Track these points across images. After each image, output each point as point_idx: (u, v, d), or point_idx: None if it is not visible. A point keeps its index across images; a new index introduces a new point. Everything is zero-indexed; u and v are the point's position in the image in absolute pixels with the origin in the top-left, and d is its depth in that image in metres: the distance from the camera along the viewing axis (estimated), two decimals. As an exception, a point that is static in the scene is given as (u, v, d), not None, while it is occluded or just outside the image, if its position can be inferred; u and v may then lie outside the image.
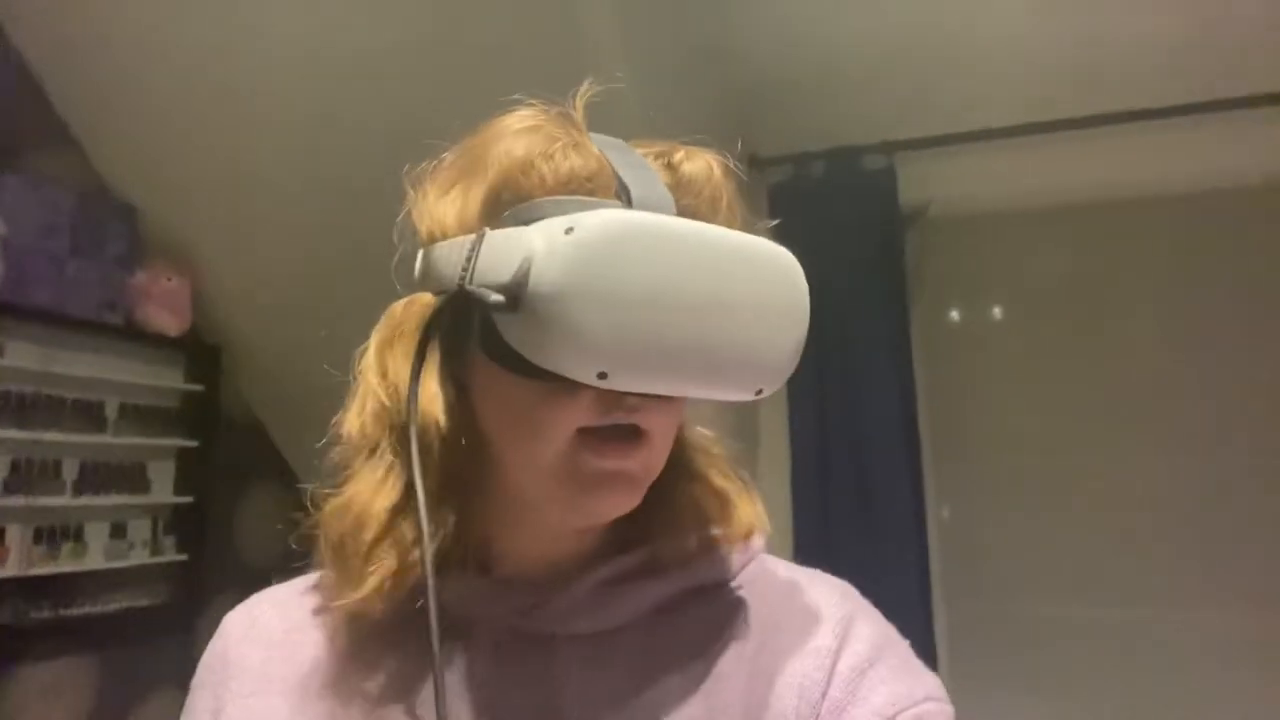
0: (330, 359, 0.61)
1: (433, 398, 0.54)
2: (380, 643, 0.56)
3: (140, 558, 2.18)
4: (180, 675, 0.64)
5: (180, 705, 0.62)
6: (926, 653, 2.07)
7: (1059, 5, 2.01)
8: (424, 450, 0.52)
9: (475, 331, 0.52)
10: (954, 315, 2.51)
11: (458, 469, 0.55)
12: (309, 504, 0.56)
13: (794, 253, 2.24)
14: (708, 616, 0.57)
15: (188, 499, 2.28)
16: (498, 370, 0.51)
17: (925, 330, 2.42)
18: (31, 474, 1.95)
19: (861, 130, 2.33)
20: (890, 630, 0.58)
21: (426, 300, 0.55)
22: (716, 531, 0.59)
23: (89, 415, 2.09)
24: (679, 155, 0.56)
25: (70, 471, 2.04)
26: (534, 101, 0.56)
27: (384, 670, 0.56)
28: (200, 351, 2.35)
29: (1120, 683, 2.12)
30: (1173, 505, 2.16)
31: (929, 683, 0.55)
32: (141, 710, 2.16)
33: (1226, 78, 2.02)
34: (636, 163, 0.53)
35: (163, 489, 2.27)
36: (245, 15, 1.82)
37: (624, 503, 0.53)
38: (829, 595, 0.58)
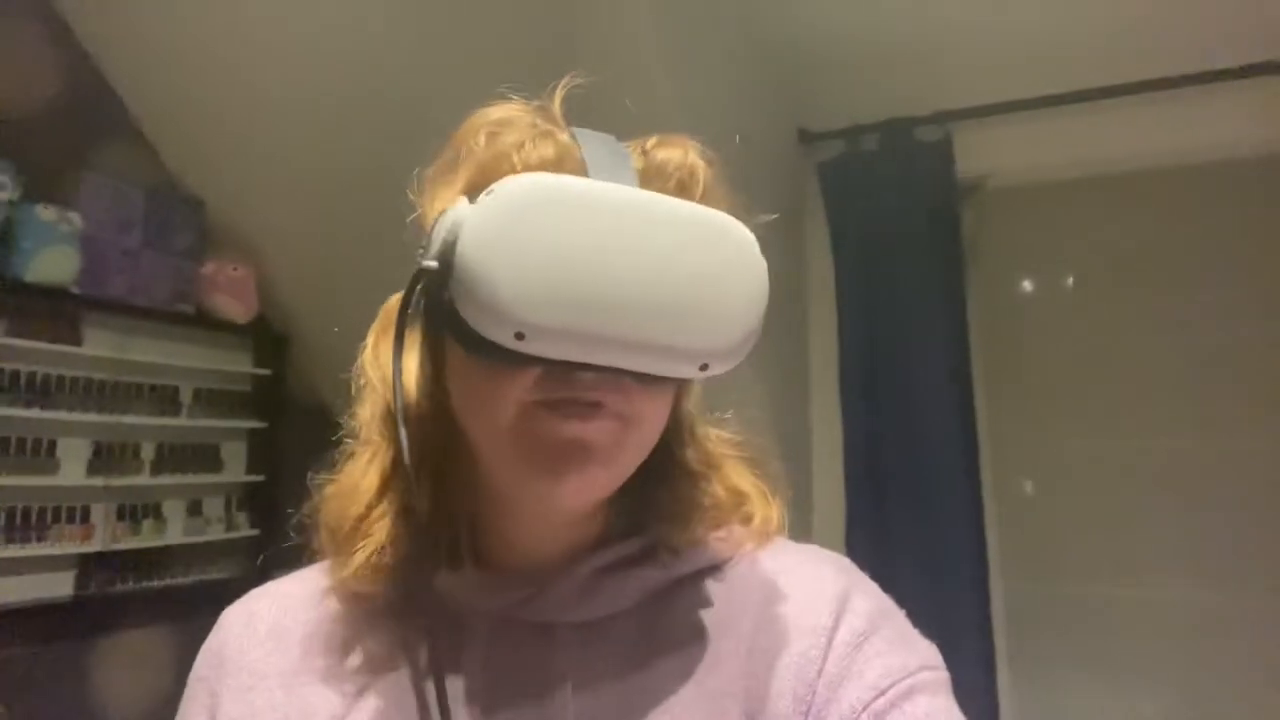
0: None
1: (410, 380, 0.57)
2: (378, 626, 0.58)
3: (216, 533, 2.30)
4: None
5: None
6: (983, 633, 2.05)
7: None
8: (409, 437, 0.53)
9: (442, 311, 0.53)
10: (1013, 289, 2.43)
11: (438, 450, 0.56)
12: (311, 493, 0.59)
13: (845, 228, 2.22)
14: (703, 601, 0.57)
15: (259, 477, 2.40)
16: (456, 347, 0.52)
17: (983, 305, 2.35)
18: (113, 456, 2.08)
19: (915, 101, 2.27)
20: (886, 603, 0.57)
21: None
22: (721, 533, 0.59)
23: (165, 399, 2.20)
24: (652, 142, 0.55)
25: (148, 452, 2.17)
26: (513, 96, 0.57)
27: (380, 653, 0.57)
28: (267, 338, 2.45)
29: (1182, 665, 2.04)
30: (1241, 485, 2.06)
31: (924, 652, 0.54)
32: (220, 677, 2.29)
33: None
34: (607, 150, 0.53)
35: (235, 468, 2.38)
36: (306, 18, 1.87)
37: (589, 478, 0.50)
38: (824, 572, 0.58)
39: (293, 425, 2.49)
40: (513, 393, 0.49)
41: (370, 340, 0.60)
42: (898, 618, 0.56)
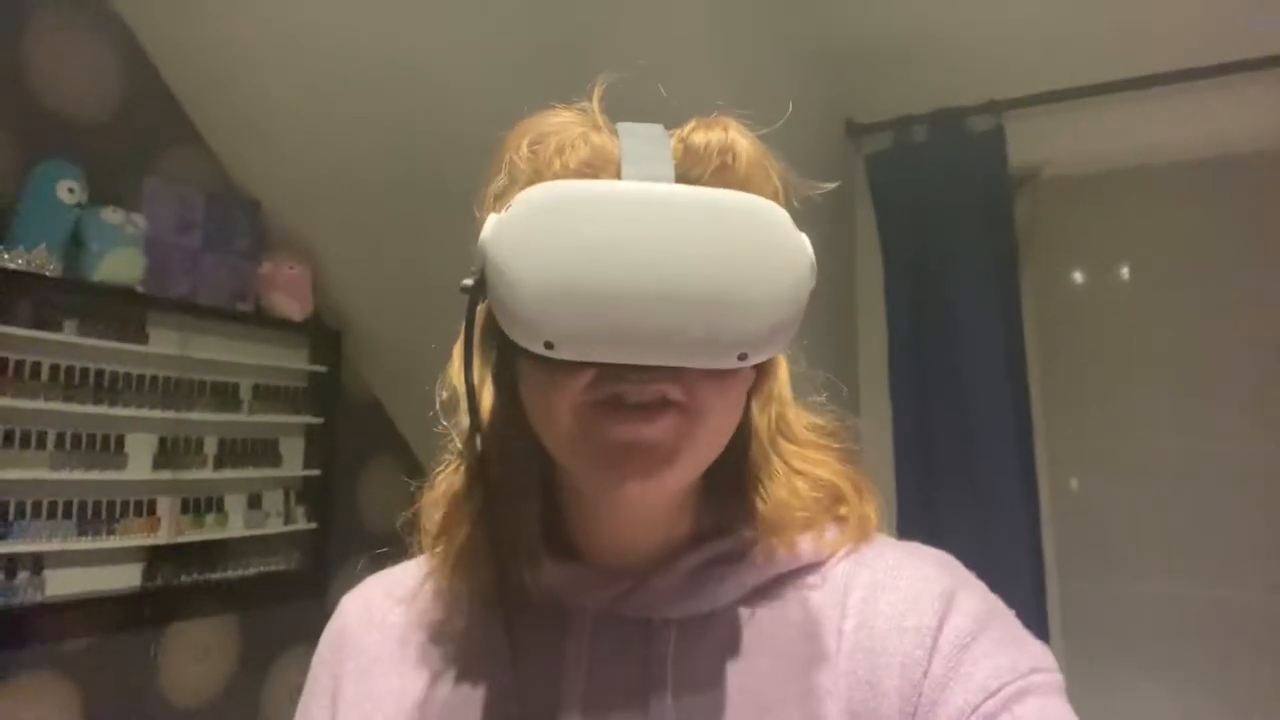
0: (442, 341, 0.64)
1: (488, 391, 0.59)
2: (483, 618, 0.59)
3: (275, 526, 2.36)
4: (312, 635, 0.68)
5: (310, 662, 0.67)
6: (1039, 631, 2.02)
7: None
8: (485, 443, 0.56)
9: (494, 325, 0.54)
10: (1068, 281, 2.39)
11: (522, 454, 0.57)
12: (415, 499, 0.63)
13: (894, 221, 2.19)
14: (803, 599, 0.57)
15: (316, 472, 2.45)
16: (520, 360, 0.53)
17: (1037, 297, 2.31)
18: (177, 451, 2.14)
19: (965, 91, 2.23)
20: (994, 601, 0.55)
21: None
22: (817, 530, 0.58)
23: (226, 396, 2.27)
24: (690, 127, 0.54)
25: (211, 447, 2.23)
26: (554, 105, 0.58)
27: (487, 644, 0.58)
28: (323, 335, 2.50)
29: (1243, 666, 1.99)
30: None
31: (1036, 652, 0.52)
32: (279, 665, 2.36)
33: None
34: (646, 143, 0.52)
35: (293, 463, 2.44)
36: (358, 29, 1.91)
37: (654, 479, 0.49)
38: (928, 569, 0.57)
39: (347, 420, 2.55)
40: (569, 397, 0.50)
41: (455, 353, 0.60)
42: (1006, 617, 0.55)
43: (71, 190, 1.90)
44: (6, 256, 1.81)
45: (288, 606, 2.34)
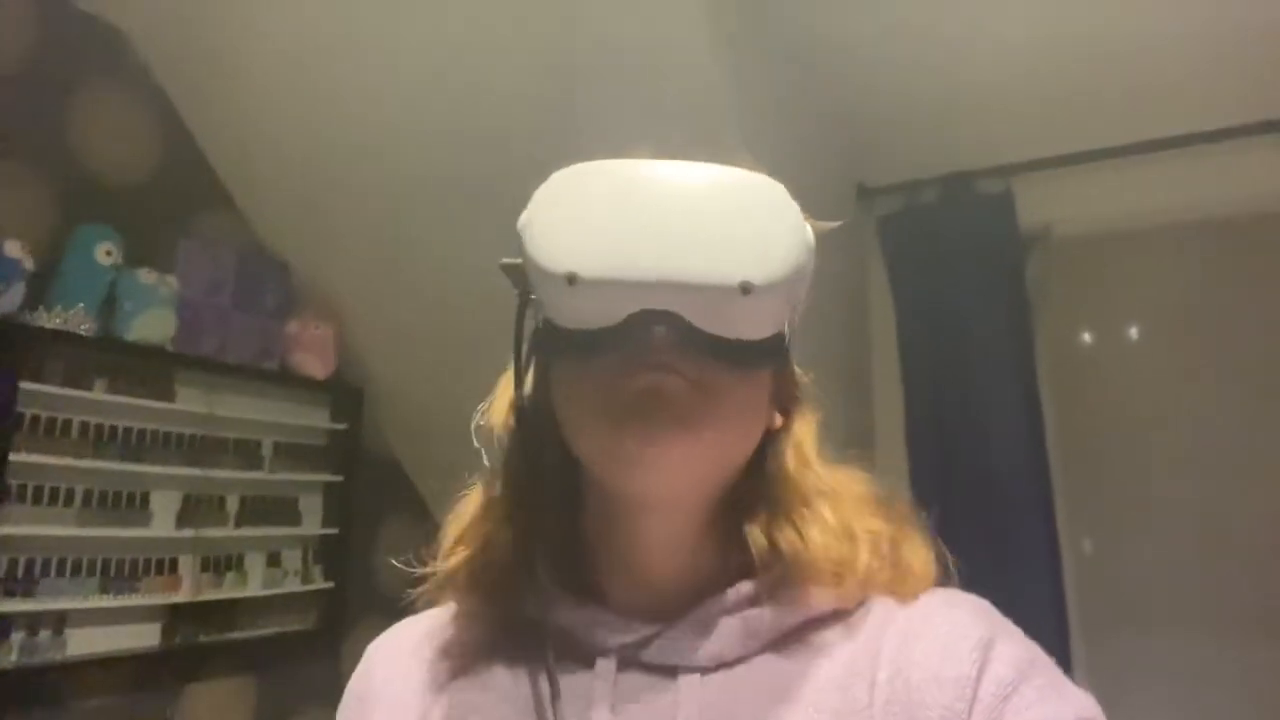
0: (461, 400, 0.66)
1: (512, 412, 0.61)
2: (508, 659, 0.59)
3: (293, 585, 2.35)
4: (326, 695, 0.69)
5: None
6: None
7: (1177, 13, 1.93)
8: (521, 460, 0.59)
9: (538, 327, 0.57)
10: (1083, 339, 2.41)
11: (549, 483, 0.59)
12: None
13: (907, 284, 2.23)
14: (836, 645, 0.55)
15: (334, 530, 2.45)
16: (555, 367, 0.57)
17: (1053, 356, 2.33)
18: (200, 508, 2.15)
19: (975, 154, 2.29)
20: (1034, 649, 0.54)
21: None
22: (848, 576, 0.57)
23: (248, 453, 2.29)
24: None
25: (233, 505, 2.24)
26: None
27: (512, 687, 0.58)
28: (344, 393, 2.53)
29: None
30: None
31: (1079, 701, 0.51)
32: (294, 728, 2.33)
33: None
34: None
35: (312, 521, 2.45)
36: (382, 89, 1.99)
37: (672, 435, 0.51)
38: (964, 616, 0.55)
39: (366, 479, 2.56)
40: (598, 378, 0.53)
41: (501, 383, 0.63)
42: (1047, 664, 0.53)
43: (109, 252, 1.95)
44: (45, 316, 1.85)
45: (303, 667, 2.32)
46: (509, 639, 0.59)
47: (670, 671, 0.54)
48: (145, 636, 2.04)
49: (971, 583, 2.00)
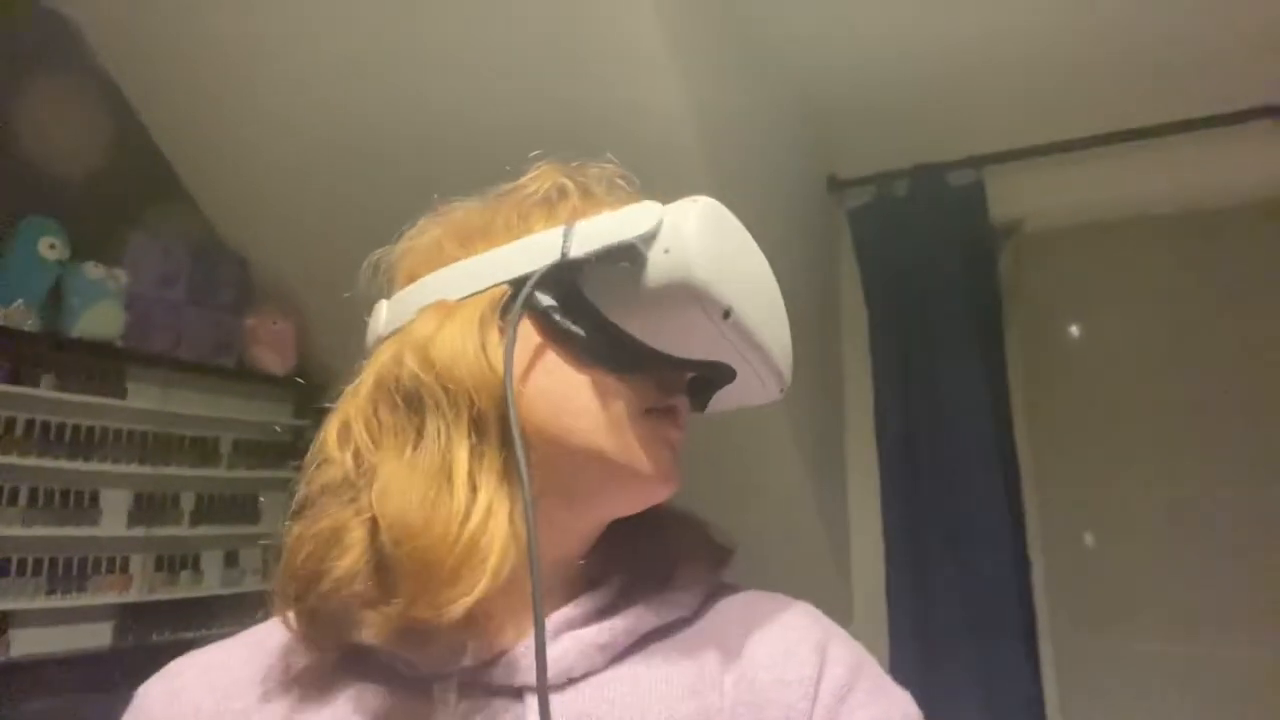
0: None
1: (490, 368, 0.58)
2: (330, 688, 0.54)
3: (252, 585, 2.32)
4: None
5: None
6: (1032, 687, 1.96)
7: (1148, 3, 1.89)
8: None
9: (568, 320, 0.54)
10: (1053, 333, 2.38)
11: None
12: None
13: (877, 275, 2.22)
14: (681, 654, 0.55)
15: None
16: (585, 371, 0.53)
17: (1023, 350, 2.30)
18: (153, 506, 2.12)
19: (945, 146, 2.26)
20: (861, 651, 0.57)
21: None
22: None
23: (205, 450, 2.25)
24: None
25: (188, 503, 2.21)
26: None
27: (339, 714, 0.53)
28: (305, 388, 2.49)
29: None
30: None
31: (901, 701, 0.55)
32: (253, 730, 2.29)
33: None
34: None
35: (273, 519, 2.41)
36: (344, 88, 1.94)
37: (678, 470, 0.57)
38: (799, 620, 0.57)
39: (330, 476, 2.52)
40: (635, 399, 0.55)
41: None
42: (873, 666, 0.56)
43: (53, 246, 1.91)
44: (-15, 311, 1.81)
45: (263, 667, 2.29)
46: (338, 666, 0.54)
47: (516, 693, 0.52)
48: (96, 636, 2.01)
49: (938, 573, 1.96)
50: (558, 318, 0.54)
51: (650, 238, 0.52)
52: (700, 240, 0.51)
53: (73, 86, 2.12)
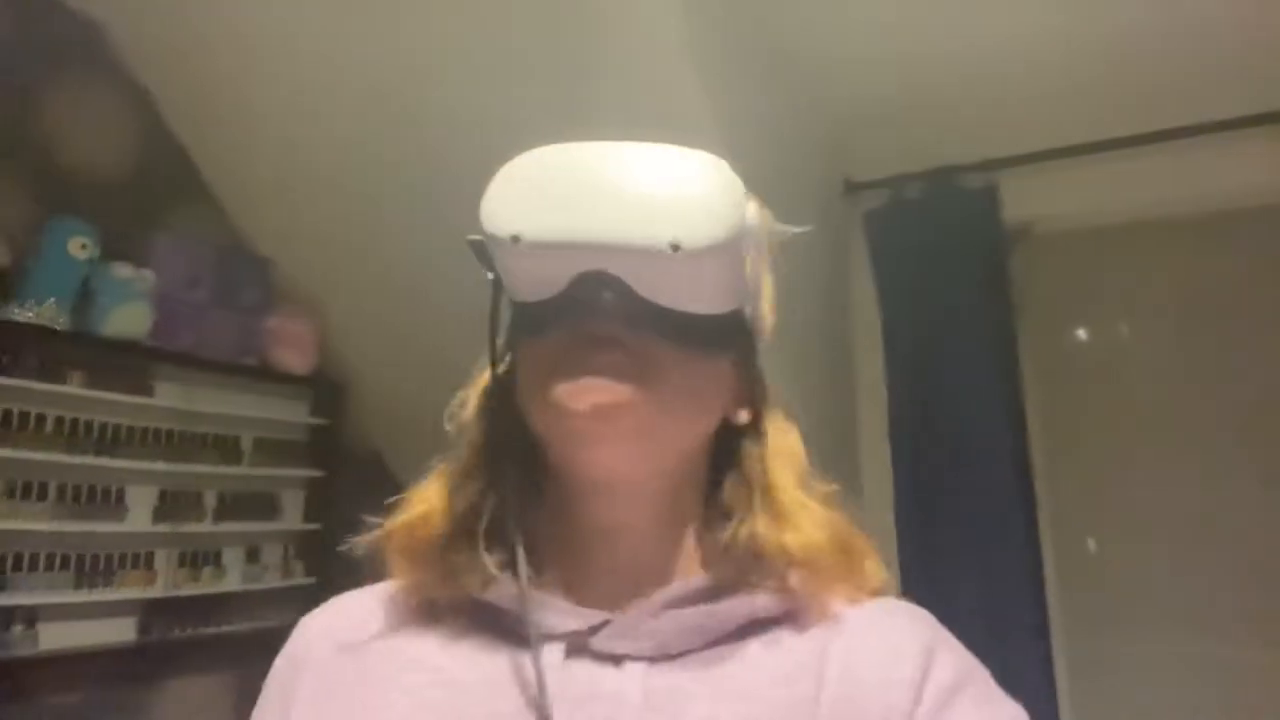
0: (443, 394, 0.66)
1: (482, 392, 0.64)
2: (452, 638, 0.58)
3: (273, 580, 2.35)
4: None
5: None
6: (1046, 689, 1.97)
7: (1162, 7, 1.91)
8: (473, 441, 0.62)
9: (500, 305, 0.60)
10: (1067, 336, 2.39)
11: (510, 462, 0.60)
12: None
13: (892, 278, 2.22)
14: (785, 641, 0.56)
15: (315, 526, 2.45)
16: (519, 349, 0.58)
17: (1036, 354, 2.31)
18: (177, 504, 2.15)
19: (960, 149, 2.27)
20: (971, 659, 0.57)
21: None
22: (799, 580, 0.57)
23: (227, 449, 2.28)
24: None
25: (210, 501, 2.24)
26: None
27: (448, 672, 0.56)
28: (325, 388, 2.52)
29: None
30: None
31: (1011, 712, 0.54)
32: (273, 725, 2.32)
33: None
34: None
35: (293, 516, 2.44)
36: (368, 83, 1.97)
37: (613, 418, 0.52)
38: (908, 623, 0.58)
39: (348, 474, 2.55)
40: (546, 351, 0.54)
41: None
42: (983, 675, 0.56)
43: (84, 246, 1.95)
44: (17, 310, 1.84)
45: (283, 663, 2.31)
46: (451, 616, 0.58)
47: (616, 660, 0.54)
48: (121, 631, 2.04)
49: (953, 580, 1.98)
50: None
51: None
52: (489, 191, 0.55)
53: (100, 89, 2.16)
